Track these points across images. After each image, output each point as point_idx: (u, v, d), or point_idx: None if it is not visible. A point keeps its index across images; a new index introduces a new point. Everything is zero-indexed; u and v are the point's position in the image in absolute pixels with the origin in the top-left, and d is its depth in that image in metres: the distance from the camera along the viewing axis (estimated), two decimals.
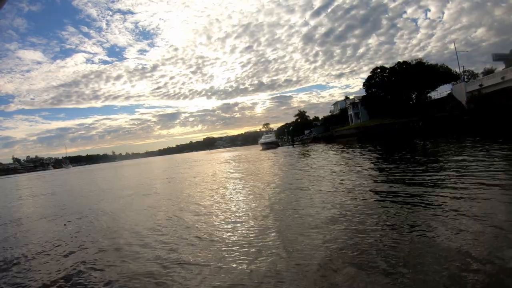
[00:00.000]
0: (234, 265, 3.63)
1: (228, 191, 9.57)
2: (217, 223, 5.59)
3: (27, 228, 7.24)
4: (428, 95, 42.25)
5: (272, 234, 4.51)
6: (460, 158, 9.84)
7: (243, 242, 4.39)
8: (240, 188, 9.85)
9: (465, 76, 39.07)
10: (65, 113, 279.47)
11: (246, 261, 3.69)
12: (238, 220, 5.69)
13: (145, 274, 3.62)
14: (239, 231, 4.97)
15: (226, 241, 4.52)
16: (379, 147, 21.55)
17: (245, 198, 7.87)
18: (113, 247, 4.78)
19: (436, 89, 41.07)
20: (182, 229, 5.42)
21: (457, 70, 38.83)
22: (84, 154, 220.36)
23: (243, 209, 6.54)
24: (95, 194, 13.29)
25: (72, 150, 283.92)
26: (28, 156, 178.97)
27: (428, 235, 3.81)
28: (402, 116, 38.02)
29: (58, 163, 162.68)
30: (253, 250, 4.03)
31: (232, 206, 7.03)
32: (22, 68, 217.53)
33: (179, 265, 3.79)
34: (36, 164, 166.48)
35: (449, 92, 37.10)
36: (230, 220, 5.75)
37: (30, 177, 63.19)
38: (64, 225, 6.93)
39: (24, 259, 4.73)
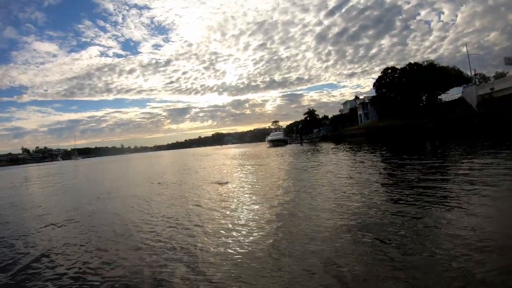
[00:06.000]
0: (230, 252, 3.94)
1: (234, 184, 9.99)
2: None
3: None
4: (439, 97, 42.48)
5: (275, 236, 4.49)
6: (472, 161, 9.85)
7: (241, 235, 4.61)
8: (246, 182, 10.43)
9: (477, 79, 39.29)
10: (78, 105, 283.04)
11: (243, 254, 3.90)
12: (236, 214, 5.96)
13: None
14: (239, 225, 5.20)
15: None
16: (387, 147, 21.32)
17: (250, 194, 8.11)
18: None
19: (447, 92, 41.40)
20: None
21: (469, 73, 39.11)
22: (93, 147, 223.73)
23: (246, 206, 6.71)
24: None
25: (82, 142, 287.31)
26: (37, 147, 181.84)
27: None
28: (412, 118, 38.33)
29: (67, 154, 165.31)
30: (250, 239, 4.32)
31: (235, 203, 7.18)
32: (37, 60, 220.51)
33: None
34: (45, 155, 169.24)
35: (460, 95, 37.35)
36: (230, 212, 6.07)
37: (39, 167, 61.87)
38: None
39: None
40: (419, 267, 3.07)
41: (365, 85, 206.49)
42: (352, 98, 69.17)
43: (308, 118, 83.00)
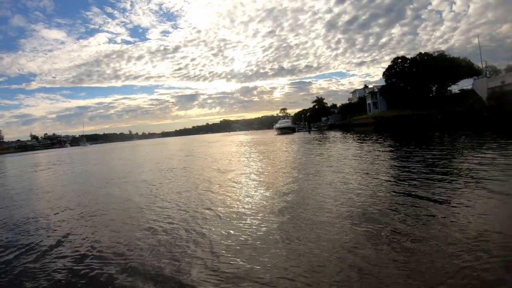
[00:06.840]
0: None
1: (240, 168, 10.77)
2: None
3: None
4: (448, 88, 42.47)
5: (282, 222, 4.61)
6: (479, 153, 9.76)
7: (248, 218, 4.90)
8: (256, 169, 10.84)
9: (487, 72, 39.20)
10: (86, 92, 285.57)
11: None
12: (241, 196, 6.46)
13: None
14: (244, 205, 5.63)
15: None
16: (396, 138, 21.17)
17: (255, 176, 8.86)
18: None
19: (457, 83, 41.27)
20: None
21: (480, 65, 38.92)
22: (101, 133, 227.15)
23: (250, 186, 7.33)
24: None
25: (90, 129, 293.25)
26: (46, 134, 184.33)
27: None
28: (421, 108, 38.56)
29: (75, 141, 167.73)
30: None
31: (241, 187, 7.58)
32: (45, 48, 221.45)
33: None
34: (53, 142, 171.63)
35: (469, 87, 37.44)
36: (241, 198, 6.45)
37: (49, 154, 60.97)
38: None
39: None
40: (425, 254, 3.20)
41: (375, 74, 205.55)
42: (361, 87, 69.21)
43: (316, 106, 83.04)
